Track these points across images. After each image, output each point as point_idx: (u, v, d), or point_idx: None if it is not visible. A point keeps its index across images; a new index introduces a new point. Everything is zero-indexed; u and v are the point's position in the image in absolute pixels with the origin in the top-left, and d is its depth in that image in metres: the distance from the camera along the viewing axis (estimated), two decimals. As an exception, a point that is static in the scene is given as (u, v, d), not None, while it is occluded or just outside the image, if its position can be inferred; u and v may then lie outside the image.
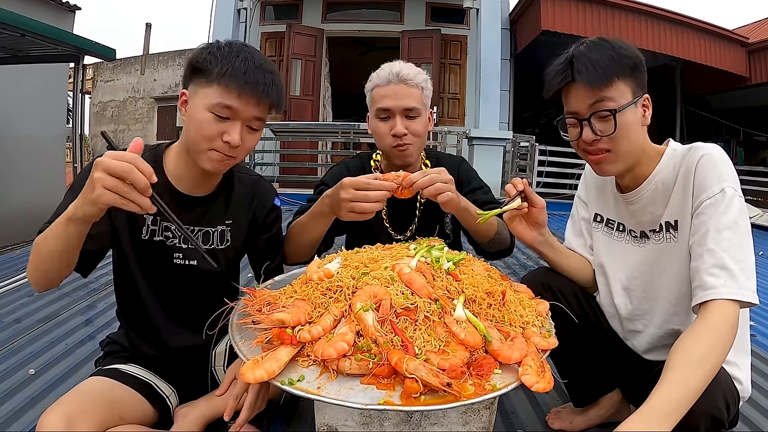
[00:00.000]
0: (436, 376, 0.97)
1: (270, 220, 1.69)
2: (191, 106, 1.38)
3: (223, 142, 1.35)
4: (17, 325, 2.58)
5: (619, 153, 1.36)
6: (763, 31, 11.47)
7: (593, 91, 1.31)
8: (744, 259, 1.19)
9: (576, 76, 1.33)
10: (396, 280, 1.18)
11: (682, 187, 1.34)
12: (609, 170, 1.41)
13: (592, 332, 1.59)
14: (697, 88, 11.44)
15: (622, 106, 1.31)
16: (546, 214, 1.49)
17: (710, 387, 1.07)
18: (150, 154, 1.47)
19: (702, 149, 1.31)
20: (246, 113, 1.36)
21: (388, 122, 1.82)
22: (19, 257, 4.20)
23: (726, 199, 1.23)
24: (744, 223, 1.23)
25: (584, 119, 1.35)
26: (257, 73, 1.35)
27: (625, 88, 1.32)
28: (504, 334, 1.14)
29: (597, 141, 1.35)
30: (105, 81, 19.95)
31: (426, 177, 1.47)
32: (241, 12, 9.25)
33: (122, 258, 1.51)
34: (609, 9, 9.20)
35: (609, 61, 1.31)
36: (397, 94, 1.80)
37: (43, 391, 1.92)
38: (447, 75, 9.86)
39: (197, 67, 1.37)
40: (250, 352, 1.10)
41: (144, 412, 1.43)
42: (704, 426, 1.11)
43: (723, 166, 1.27)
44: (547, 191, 8.94)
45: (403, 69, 1.81)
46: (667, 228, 1.40)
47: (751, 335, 2.66)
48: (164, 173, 1.48)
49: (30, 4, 7.76)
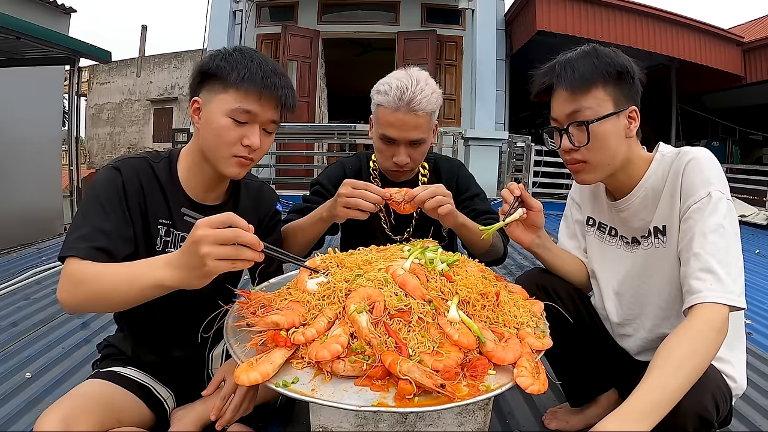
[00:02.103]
0: (429, 377, 0.97)
1: (271, 225, 1.70)
2: (208, 113, 1.38)
3: (244, 146, 1.37)
4: (14, 329, 2.57)
5: (594, 164, 1.35)
6: (758, 30, 11.52)
7: (572, 98, 1.32)
8: (730, 262, 1.19)
9: (555, 80, 1.34)
10: (390, 281, 1.19)
11: (669, 192, 1.34)
12: (586, 180, 1.41)
13: (587, 332, 1.60)
14: (693, 88, 11.47)
15: (598, 117, 1.30)
16: (543, 216, 1.49)
17: (698, 387, 1.07)
18: (165, 163, 1.48)
19: (689, 154, 1.31)
20: (264, 116, 1.38)
21: (391, 148, 1.79)
22: (15, 260, 4.20)
23: (712, 203, 1.23)
24: (731, 226, 1.23)
25: (562, 129, 1.35)
26: (274, 78, 1.37)
27: (605, 98, 1.31)
28: (498, 335, 1.15)
29: (573, 151, 1.35)
30: (101, 83, 19.89)
31: (427, 190, 1.51)
32: (237, 14, 9.24)
33: None
34: (604, 9, 9.22)
35: (590, 67, 1.31)
36: (405, 125, 1.71)
37: (40, 394, 1.92)
38: (443, 76, 9.86)
39: (210, 74, 1.38)
40: (244, 354, 1.10)
41: (141, 415, 1.42)
42: (692, 426, 1.11)
43: (710, 170, 1.27)
44: (543, 191, 8.96)
45: (416, 96, 1.68)
46: (656, 233, 1.40)
47: (748, 333, 2.67)
48: (178, 180, 1.49)
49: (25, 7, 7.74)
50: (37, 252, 4.47)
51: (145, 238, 1.44)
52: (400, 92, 1.68)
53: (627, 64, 1.33)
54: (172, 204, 1.45)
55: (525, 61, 10.30)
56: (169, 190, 1.46)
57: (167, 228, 1.46)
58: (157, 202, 1.44)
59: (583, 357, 1.64)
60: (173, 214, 1.46)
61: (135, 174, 1.42)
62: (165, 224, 1.46)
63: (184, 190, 1.48)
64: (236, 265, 1.06)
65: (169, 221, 1.46)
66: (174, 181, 1.48)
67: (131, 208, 1.40)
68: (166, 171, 1.47)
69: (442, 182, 1.74)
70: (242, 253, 1.05)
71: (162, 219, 1.45)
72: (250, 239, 1.05)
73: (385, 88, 1.73)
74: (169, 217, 1.46)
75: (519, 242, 1.53)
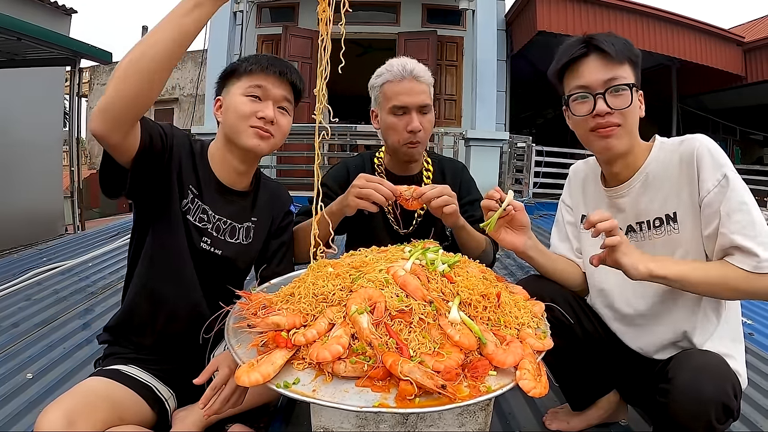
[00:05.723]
0: (430, 378, 0.97)
1: (284, 225, 1.77)
2: (227, 101, 1.58)
3: (259, 119, 1.53)
4: (15, 330, 2.58)
5: (628, 128, 1.42)
6: (758, 30, 11.52)
7: (609, 66, 1.40)
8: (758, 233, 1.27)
9: (596, 45, 1.40)
10: (391, 282, 1.19)
11: (680, 179, 1.38)
12: (616, 146, 1.43)
13: (586, 337, 1.59)
14: (693, 88, 11.46)
15: (634, 84, 1.40)
16: (527, 214, 1.50)
17: (720, 377, 1.15)
18: (199, 144, 1.62)
19: (695, 140, 1.37)
20: (274, 91, 1.57)
21: (404, 118, 1.87)
22: (16, 261, 4.20)
23: (730, 184, 1.30)
24: (751, 200, 1.31)
25: (598, 93, 1.40)
26: (277, 61, 1.60)
27: (631, 74, 1.41)
28: (500, 338, 1.14)
29: (610, 114, 1.40)
30: (101, 84, 19.88)
31: (435, 189, 1.58)
32: (238, 14, 9.23)
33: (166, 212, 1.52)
34: (605, 9, 9.23)
35: (622, 45, 1.41)
36: (412, 90, 1.85)
37: (41, 395, 1.93)
38: (443, 76, 9.86)
39: (228, 73, 1.60)
40: (245, 355, 1.10)
41: (143, 414, 1.43)
42: (716, 414, 1.13)
43: (718, 153, 1.34)
44: (543, 191, 8.95)
45: (415, 66, 1.88)
46: (667, 221, 1.42)
47: (749, 333, 2.68)
48: (208, 163, 1.61)
49: (26, 8, 7.75)
50: (38, 252, 4.47)
51: (179, 189, 1.52)
52: (401, 66, 1.88)
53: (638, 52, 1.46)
54: (202, 179, 1.57)
55: (526, 61, 10.33)
56: (200, 165, 1.59)
57: (194, 197, 1.55)
58: (190, 171, 1.56)
59: (583, 361, 1.63)
60: (201, 187, 1.57)
61: (179, 136, 1.54)
62: (193, 192, 1.55)
63: (213, 172, 1.61)
64: None
65: (197, 191, 1.56)
66: (204, 161, 1.61)
67: (174, 153, 1.51)
68: (200, 151, 1.60)
69: (447, 182, 1.80)
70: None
71: (192, 186, 1.55)
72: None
73: (386, 68, 1.91)
74: (198, 188, 1.56)
75: (512, 247, 1.51)
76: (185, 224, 1.54)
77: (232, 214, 1.62)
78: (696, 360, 1.21)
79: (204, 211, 1.56)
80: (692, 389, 1.16)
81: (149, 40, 1.20)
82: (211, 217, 1.57)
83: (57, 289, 3.27)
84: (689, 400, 1.15)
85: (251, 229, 1.67)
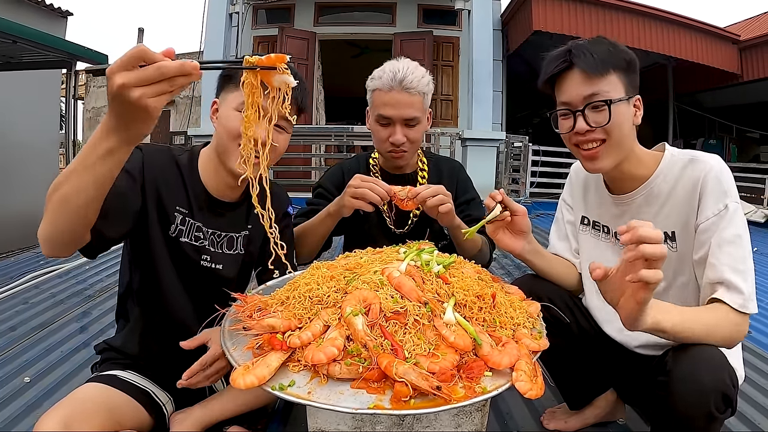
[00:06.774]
0: (425, 379, 0.97)
1: (281, 227, 1.69)
2: (220, 111, 1.48)
3: None
4: (12, 333, 2.58)
5: (612, 144, 1.37)
6: (754, 28, 11.54)
7: (589, 80, 1.35)
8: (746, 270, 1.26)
9: (574, 61, 1.36)
10: (386, 284, 1.19)
11: (683, 199, 1.36)
12: (600, 165, 1.41)
13: (583, 336, 1.59)
14: (690, 86, 11.49)
15: (616, 99, 1.34)
16: (529, 220, 1.48)
17: (718, 367, 1.15)
18: (187, 156, 1.54)
19: (706, 163, 1.34)
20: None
21: (388, 128, 1.85)
22: (13, 264, 4.19)
23: (729, 214, 1.28)
24: (746, 234, 1.29)
25: (578, 110, 1.37)
26: None
27: (618, 83, 1.36)
28: (496, 339, 1.14)
29: (590, 132, 1.37)
30: (98, 86, 19.85)
31: (430, 189, 1.58)
32: (233, 16, 9.23)
33: (148, 253, 1.48)
34: (600, 8, 9.25)
35: (606, 53, 1.35)
36: (399, 103, 1.80)
37: (39, 398, 1.93)
38: (440, 76, 9.87)
39: (228, 76, 1.48)
40: (241, 357, 1.10)
41: (140, 419, 1.43)
42: (715, 404, 1.13)
43: (726, 181, 1.32)
44: (540, 191, 8.98)
45: (407, 75, 1.79)
46: (666, 239, 1.40)
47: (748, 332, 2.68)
48: (198, 175, 1.54)
49: (22, 11, 7.72)
50: (35, 256, 4.47)
51: (160, 220, 1.46)
52: (392, 74, 1.80)
53: (633, 55, 1.40)
54: (192, 195, 1.50)
55: (522, 61, 10.35)
56: (189, 181, 1.51)
57: (183, 217, 1.49)
58: (176, 190, 1.48)
59: (580, 361, 1.63)
60: (192, 204, 1.50)
61: (156, 155, 1.46)
62: (182, 212, 1.49)
63: (203, 184, 1.53)
64: (174, 92, 0.93)
65: (187, 210, 1.50)
66: (194, 174, 1.52)
67: (147, 186, 1.41)
68: (188, 164, 1.53)
69: (443, 182, 1.79)
70: (175, 82, 0.91)
71: (180, 207, 1.49)
72: (175, 68, 0.90)
73: (379, 74, 1.85)
74: (188, 206, 1.50)
75: (510, 250, 1.51)
76: (177, 248, 1.49)
77: (226, 225, 1.59)
78: (694, 352, 1.21)
79: (198, 228, 1.52)
80: (691, 379, 1.16)
81: (71, 183, 1.02)
82: (206, 233, 1.54)
83: (54, 293, 3.27)
84: (689, 390, 1.15)
85: (247, 238, 1.64)
